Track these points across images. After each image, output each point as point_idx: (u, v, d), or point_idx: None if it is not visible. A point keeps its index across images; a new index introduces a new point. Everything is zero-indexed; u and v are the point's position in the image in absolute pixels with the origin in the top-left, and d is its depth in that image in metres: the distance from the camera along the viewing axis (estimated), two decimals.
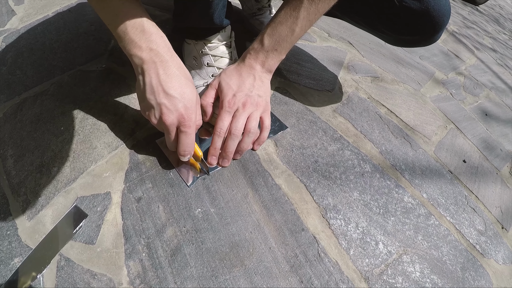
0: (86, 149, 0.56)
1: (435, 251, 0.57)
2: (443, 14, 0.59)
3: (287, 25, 0.52)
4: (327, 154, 0.66)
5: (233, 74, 0.55)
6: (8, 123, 0.58)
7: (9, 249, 0.44)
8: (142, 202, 0.51)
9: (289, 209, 0.55)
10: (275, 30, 0.53)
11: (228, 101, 0.53)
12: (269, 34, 0.53)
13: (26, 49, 0.73)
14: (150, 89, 0.46)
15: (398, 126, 0.80)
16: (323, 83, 0.84)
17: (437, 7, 0.58)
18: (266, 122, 0.57)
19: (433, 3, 0.58)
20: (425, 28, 0.61)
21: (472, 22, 1.91)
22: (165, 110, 0.46)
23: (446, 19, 0.61)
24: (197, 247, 0.48)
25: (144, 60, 0.45)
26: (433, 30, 0.61)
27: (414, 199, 0.64)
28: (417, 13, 0.59)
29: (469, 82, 1.17)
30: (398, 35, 0.66)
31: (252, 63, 0.55)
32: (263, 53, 0.55)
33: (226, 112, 0.53)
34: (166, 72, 0.46)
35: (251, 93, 0.54)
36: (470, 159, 0.81)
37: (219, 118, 0.53)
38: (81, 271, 0.43)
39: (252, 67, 0.55)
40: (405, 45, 0.71)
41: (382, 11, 0.62)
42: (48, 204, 0.49)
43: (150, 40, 0.45)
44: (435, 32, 0.62)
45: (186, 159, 0.52)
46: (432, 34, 0.63)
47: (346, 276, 0.50)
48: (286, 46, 0.54)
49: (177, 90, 0.46)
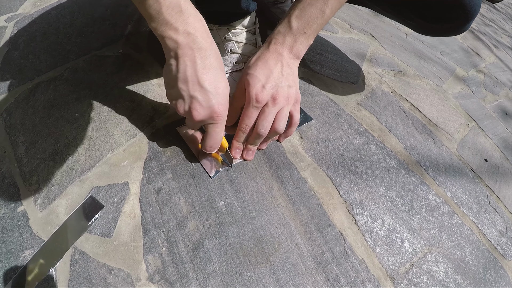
0: (102, 136, 0.53)
1: (458, 251, 0.55)
2: (475, 3, 0.57)
3: (317, 6, 0.47)
4: (352, 148, 0.63)
5: (258, 63, 0.49)
6: (20, 108, 0.56)
7: (20, 240, 0.42)
8: (162, 194, 0.48)
9: (315, 203, 0.52)
10: (304, 11, 0.48)
11: (255, 94, 0.47)
12: (298, 16, 0.48)
13: (39, 33, 0.71)
14: (183, 77, 0.41)
15: (421, 122, 0.77)
16: (347, 75, 0.82)
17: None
18: (295, 117, 0.52)
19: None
20: (457, 16, 0.59)
21: (490, 19, 1.89)
22: (197, 105, 0.42)
23: (478, 8, 0.58)
24: (220, 242, 0.45)
25: (179, 45, 0.40)
26: (464, 18, 0.59)
27: (438, 197, 0.62)
28: (448, 1, 0.56)
29: (489, 80, 1.15)
30: (428, 23, 0.63)
31: (278, 49, 0.50)
32: (291, 36, 0.49)
33: (254, 108, 0.48)
34: (204, 62, 0.41)
35: (281, 84, 0.49)
36: (492, 158, 0.79)
37: (246, 113, 0.49)
38: (96, 266, 0.41)
39: (279, 53, 0.50)
40: (434, 33, 0.68)
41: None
42: (61, 194, 0.46)
43: (188, 23, 0.40)
44: (467, 21, 0.60)
45: (210, 152, 0.49)
46: (464, 23, 0.61)
47: (372, 274, 0.48)
48: (316, 29, 0.50)
49: (212, 84, 0.42)
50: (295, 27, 0.49)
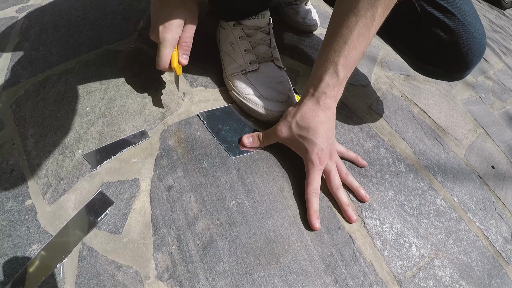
0: (113, 132, 0.52)
1: (464, 257, 0.55)
2: (473, 53, 0.53)
3: (360, 49, 0.45)
4: (363, 151, 0.63)
5: (312, 125, 0.49)
6: (30, 100, 0.55)
7: (27, 234, 0.41)
8: (173, 191, 0.48)
9: (326, 206, 0.52)
10: (348, 58, 0.46)
11: (319, 160, 0.49)
12: (344, 64, 0.46)
13: (51, 25, 0.70)
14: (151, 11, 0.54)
15: (430, 127, 0.77)
16: (358, 78, 0.82)
17: (469, 43, 0.52)
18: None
19: (465, 38, 0.52)
20: (452, 62, 0.56)
21: (499, 26, 1.89)
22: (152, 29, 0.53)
23: (477, 59, 0.54)
24: (230, 242, 0.45)
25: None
26: (460, 67, 0.56)
27: (446, 202, 0.62)
28: (444, 44, 0.53)
29: (497, 87, 1.15)
30: (420, 62, 0.61)
31: (329, 104, 0.49)
32: (339, 87, 0.48)
33: (319, 171, 0.50)
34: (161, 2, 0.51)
35: (332, 140, 0.51)
36: (498, 165, 0.79)
37: (313, 178, 0.49)
38: (105, 262, 0.40)
39: (329, 108, 0.49)
40: (427, 74, 0.64)
41: (406, 31, 0.57)
42: (71, 189, 0.46)
43: None
44: (461, 70, 0.57)
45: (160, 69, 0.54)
46: (458, 71, 0.57)
47: (380, 277, 0.47)
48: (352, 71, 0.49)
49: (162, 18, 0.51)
50: (342, 76, 0.47)
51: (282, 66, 0.62)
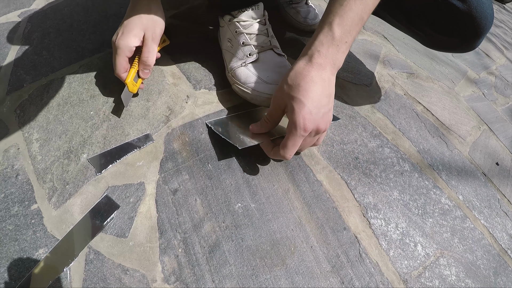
0: (117, 135, 0.53)
1: (470, 255, 0.55)
2: (485, 17, 0.56)
3: (357, 12, 0.43)
4: (367, 151, 0.63)
5: (302, 84, 0.44)
6: (34, 105, 0.55)
7: (34, 239, 0.41)
8: (179, 195, 0.48)
9: (331, 206, 0.52)
10: (345, 18, 0.44)
11: (304, 124, 0.44)
12: (339, 23, 0.44)
13: (53, 29, 0.70)
14: None
15: (434, 124, 0.77)
16: (361, 77, 0.81)
17: (480, 9, 0.55)
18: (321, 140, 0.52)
19: (476, 5, 0.55)
20: (466, 29, 0.58)
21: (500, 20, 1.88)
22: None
23: (489, 24, 0.58)
24: (236, 244, 0.45)
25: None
26: (474, 33, 0.58)
27: (451, 200, 0.62)
28: (459, 12, 0.56)
29: (500, 83, 1.15)
30: (437, 34, 0.62)
31: (322, 63, 0.45)
32: (334, 47, 0.45)
33: (300, 137, 0.45)
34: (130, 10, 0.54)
35: (325, 110, 0.45)
36: (503, 161, 0.79)
37: (292, 141, 0.45)
38: (111, 266, 0.41)
39: (323, 67, 0.45)
40: (442, 48, 0.67)
41: (424, 5, 0.59)
42: (76, 193, 0.46)
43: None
44: (476, 36, 0.59)
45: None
46: (473, 38, 0.60)
47: (386, 278, 0.48)
48: (354, 37, 0.46)
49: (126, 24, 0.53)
50: (337, 36, 0.44)
51: (283, 54, 0.61)
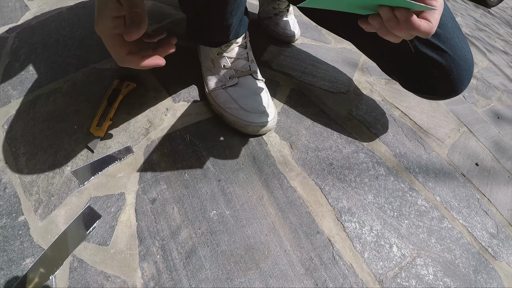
0: (99, 148, 0.55)
1: (448, 254, 0.56)
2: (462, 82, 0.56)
3: None
4: (342, 157, 0.65)
5: None
6: (21, 120, 0.57)
7: (21, 249, 0.43)
8: (157, 204, 0.50)
9: (304, 211, 0.54)
10: None
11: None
12: None
13: (40, 45, 0.72)
14: None
15: (411, 129, 0.79)
16: (338, 85, 0.83)
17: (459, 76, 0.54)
18: None
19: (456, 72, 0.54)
20: (443, 91, 0.58)
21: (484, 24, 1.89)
22: None
23: (466, 85, 0.58)
24: (212, 250, 0.47)
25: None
26: (449, 94, 0.59)
27: (427, 202, 0.63)
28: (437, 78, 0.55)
29: (482, 85, 1.16)
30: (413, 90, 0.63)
31: None
32: None
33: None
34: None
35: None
36: (483, 162, 0.80)
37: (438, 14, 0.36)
38: (94, 273, 0.43)
39: None
40: (416, 93, 0.66)
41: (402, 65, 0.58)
42: (61, 204, 0.48)
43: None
44: (451, 95, 0.60)
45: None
46: (448, 96, 0.60)
47: (360, 279, 0.49)
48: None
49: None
50: None
51: (261, 78, 0.64)
